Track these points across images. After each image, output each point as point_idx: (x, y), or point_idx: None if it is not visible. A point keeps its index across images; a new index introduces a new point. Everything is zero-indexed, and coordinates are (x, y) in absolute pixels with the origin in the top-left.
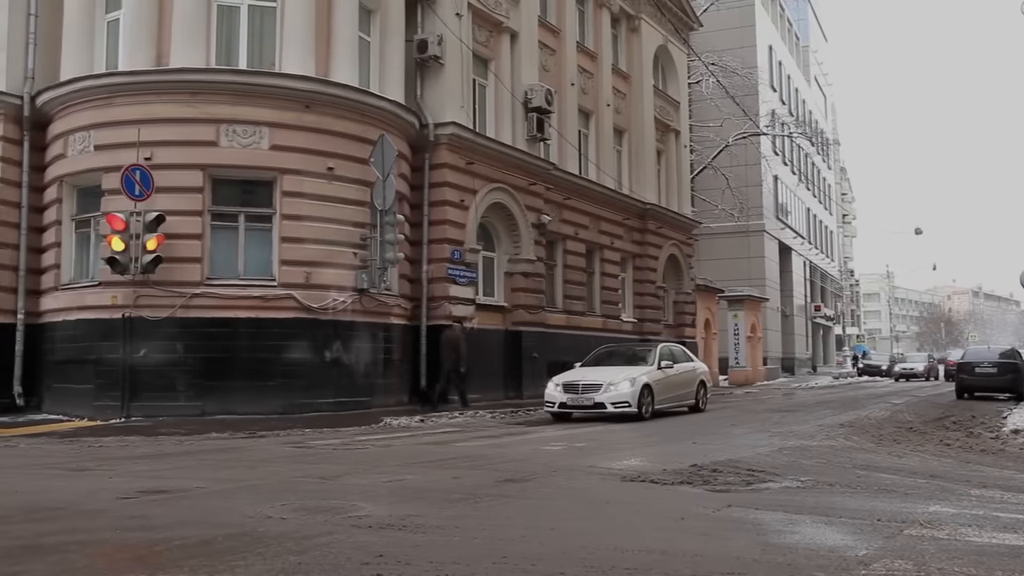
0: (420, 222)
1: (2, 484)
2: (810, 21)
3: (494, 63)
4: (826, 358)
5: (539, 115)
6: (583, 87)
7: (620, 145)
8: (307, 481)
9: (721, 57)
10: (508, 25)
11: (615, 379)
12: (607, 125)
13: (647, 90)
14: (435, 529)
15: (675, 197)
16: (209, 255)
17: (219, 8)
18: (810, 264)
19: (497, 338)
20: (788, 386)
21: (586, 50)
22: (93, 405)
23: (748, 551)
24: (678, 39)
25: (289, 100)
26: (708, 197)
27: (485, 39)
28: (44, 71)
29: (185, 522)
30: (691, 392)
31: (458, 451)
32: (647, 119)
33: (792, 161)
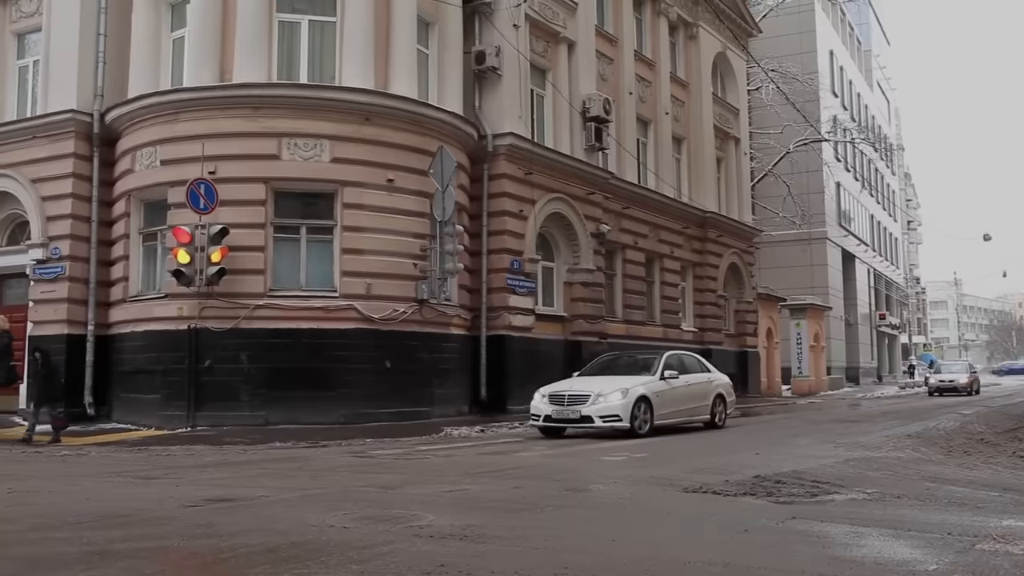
0: (479, 232)
1: (75, 492)
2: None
3: (552, 73)
4: (892, 367)
5: (597, 124)
6: (641, 95)
7: (679, 153)
8: (369, 490)
9: (781, 63)
10: (565, 35)
11: (605, 390)
12: (666, 133)
13: (706, 97)
14: (496, 539)
15: (735, 205)
16: (272, 267)
17: (280, 24)
18: (874, 272)
19: (556, 348)
20: (852, 396)
21: (644, 58)
22: (160, 415)
23: (814, 564)
24: (737, 46)
25: (349, 113)
26: (769, 205)
27: (543, 49)
28: (113, 89)
29: (250, 530)
30: (705, 406)
31: (518, 461)
32: (706, 127)
33: (855, 167)
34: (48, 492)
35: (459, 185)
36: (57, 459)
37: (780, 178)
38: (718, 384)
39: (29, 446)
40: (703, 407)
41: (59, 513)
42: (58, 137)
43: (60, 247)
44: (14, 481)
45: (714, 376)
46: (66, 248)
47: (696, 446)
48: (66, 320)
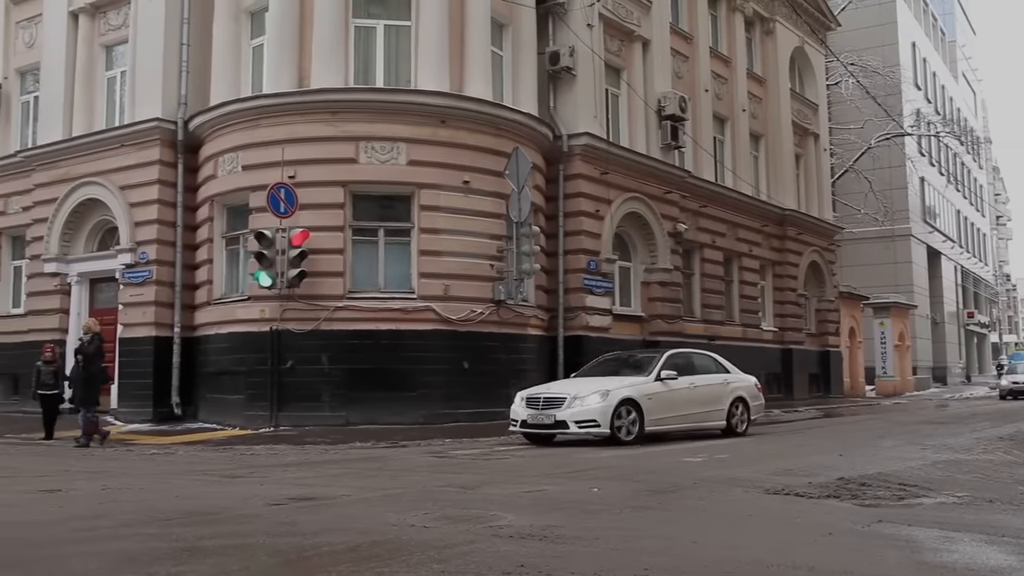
0: (556, 233)
1: (165, 489)
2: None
3: (626, 72)
4: (982, 367)
5: (673, 123)
6: (717, 93)
7: (757, 150)
8: (448, 490)
9: (861, 56)
10: (640, 33)
11: (583, 392)
12: (743, 130)
13: (784, 93)
14: (575, 540)
15: (815, 202)
16: (351, 269)
17: (356, 29)
18: (962, 269)
19: (634, 348)
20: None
21: (720, 55)
22: (244, 415)
23: (902, 569)
24: (815, 40)
25: (425, 116)
26: (850, 201)
27: (617, 48)
28: (196, 97)
29: (332, 529)
30: (719, 411)
31: (596, 462)
32: (784, 123)
33: (940, 162)
34: (139, 489)
35: (535, 186)
36: (147, 457)
37: (861, 174)
38: (737, 386)
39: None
40: (716, 412)
41: (150, 510)
42: (144, 145)
43: (147, 252)
44: (108, 478)
45: (733, 377)
46: (153, 253)
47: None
48: (154, 323)
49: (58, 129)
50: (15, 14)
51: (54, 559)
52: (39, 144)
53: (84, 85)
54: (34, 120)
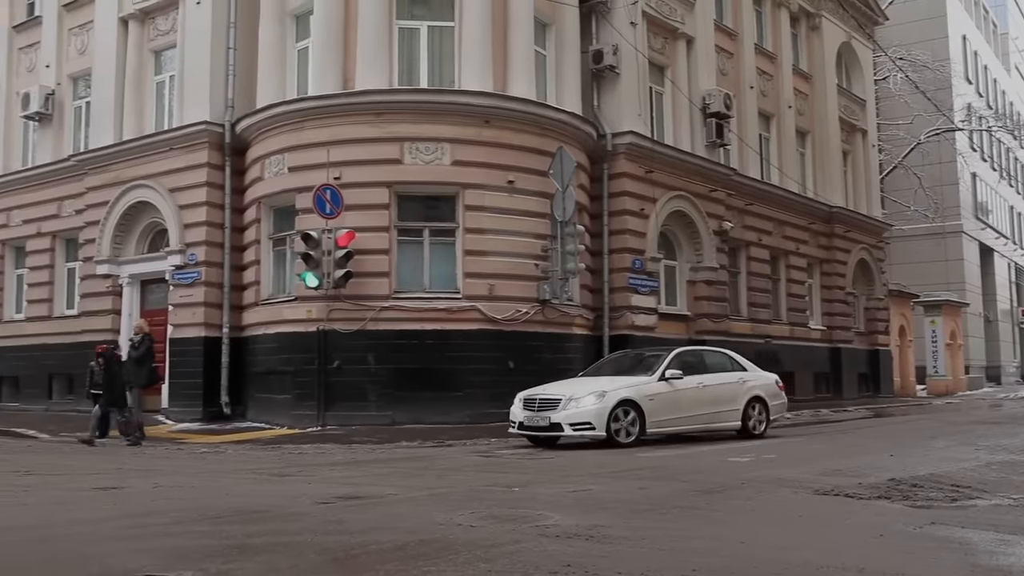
0: (600, 232)
1: (215, 487)
2: (1008, 7)
3: (670, 70)
4: None
5: (718, 120)
6: (762, 89)
7: (803, 147)
8: (494, 490)
9: (910, 51)
10: (684, 31)
11: (578, 393)
12: (789, 127)
13: (830, 89)
14: (622, 539)
15: (863, 199)
16: (396, 269)
17: (400, 31)
18: (1016, 266)
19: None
20: (993, 396)
21: (765, 52)
22: (292, 414)
23: (956, 572)
24: (862, 35)
25: (469, 116)
26: (899, 198)
27: (660, 46)
28: (242, 100)
29: (379, 527)
30: (733, 411)
31: (643, 462)
32: (831, 119)
33: (992, 156)
34: (190, 487)
35: (579, 185)
36: (197, 456)
37: (911, 170)
38: (754, 385)
39: (91, 447)
40: (729, 412)
41: (201, 508)
42: (192, 148)
43: (196, 253)
44: (159, 476)
45: (749, 376)
46: (202, 254)
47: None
48: (203, 323)
49: (109, 133)
50: (67, 21)
51: (107, 555)
52: (91, 148)
53: (134, 90)
54: (86, 125)
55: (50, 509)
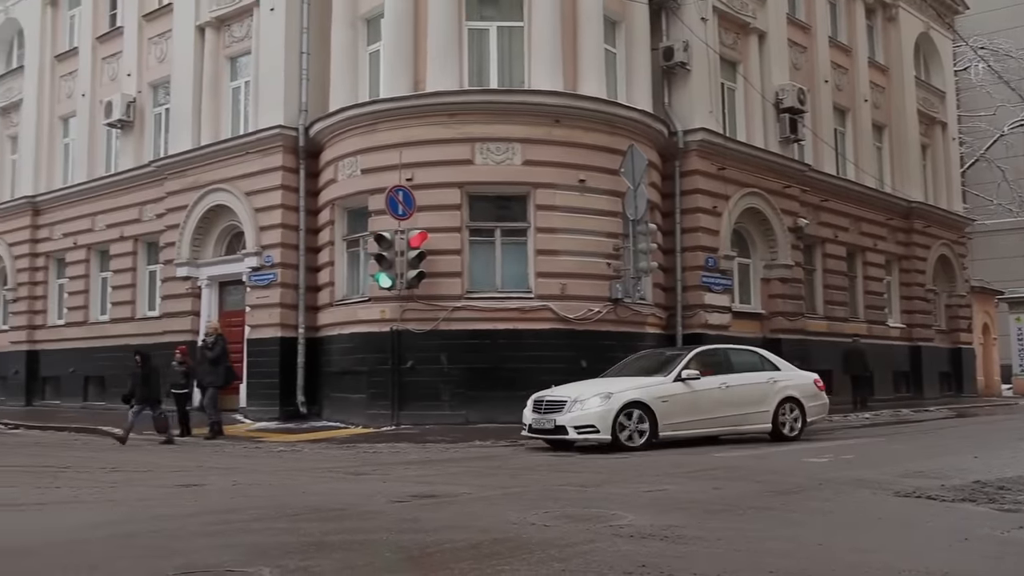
0: (673, 230)
1: (292, 485)
2: None
3: (742, 65)
4: None
5: (791, 115)
6: (837, 83)
7: (880, 141)
8: (567, 489)
9: (992, 40)
10: (755, 26)
11: (584, 394)
12: (865, 121)
13: (908, 82)
14: (697, 540)
15: (943, 193)
16: (468, 269)
17: (470, 32)
18: None
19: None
20: None
21: (839, 44)
22: (366, 413)
23: None
24: (941, 24)
25: (539, 116)
26: (982, 192)
27: (732, 41)
28: (316, 103)
29: (453, 526)
30: (762, 413)
31: (718, 462)
32: (909, 112)
33: None
34: (268, 485)
35: (651, 183)
36: (275, 454)
37: (994, 163)
38: (787, 385)
39: (123, 445)
40: (757, 414)
41: (279, 505)
42: (267, 152)
43: (272, 255)
44: (239, 474)
45: (782, 375)
46: (278, 256)
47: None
48: (279, 324)
49: (187, 139)
50: (147, 31)
51: (191, 551)
52: (170, 154)
53: (211, 96)
54: (165, 131)
55: (136, 505)
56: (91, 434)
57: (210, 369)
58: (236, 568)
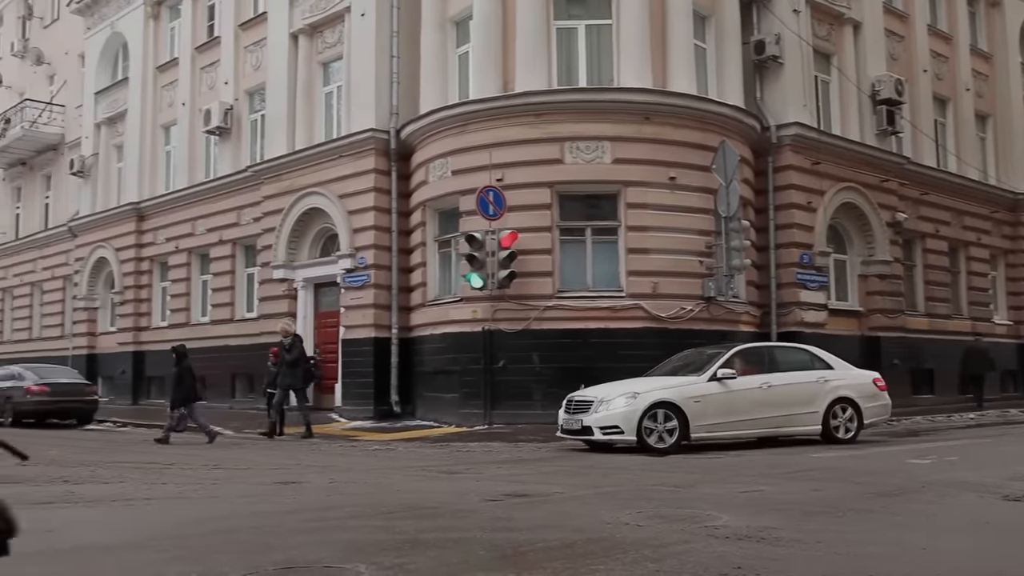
0: (766, 227)
1: (387, 484)
2: None
3: (836, 57)
4: None
5: (889, 107)
6: (937, 73)
7: (983, 131)
8: (661, 489)
9: None
10: (850, 16)
11: (610, 395)
12: (967, 111)
13: (1013, 69)
14: (794, 542)
15: None
16: (559, 269)
17: (558, 31)
18: None
19: (852, 344)
20: None
21: (939, 32)
22: (459, 413)
23: None
24: None
25: (629, 113)
26: None
27: (825, 33)
28: (406, 106)
29: (546, 525)
30: (810, 415)
31: (815, 462)
32: (1015, 100)
33: None
34: (363, 483)
35: (743, 179)
36: (369, 453)
37: None
38: (839, 385)
39: (166, 445)
40: (804, 416)
41: (374, 503)
42: (360, 155)
43: (365, 256)
44: (335, 472)
45: (835, 374)
46: (371, 257)
47: None
48: (373, 324)
49: (282, 144)
50: (243, 39)
51: (290, 547)
52: (266, 159)
53: (304, 101)
54: (261, 136)
55: (237, 501)
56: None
57: (288, 371)
58: (333, 564)
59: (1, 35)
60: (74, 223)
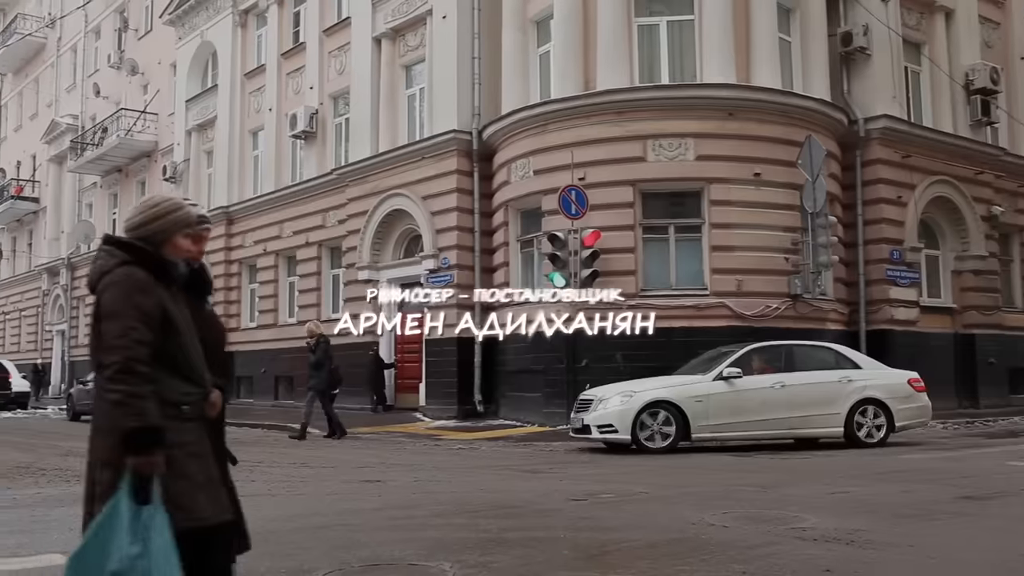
0: (854, 223)
1: (471, 482)
2: None
3: (927, 47)
4: None
5: (983, 97)
6: None
7: None
8: (746, 489)
9: None
10: (941, 3)
11: (608, 394)
12: None
13: None
14: (886, 546)
15: None
16: (642, 267)
17: (639, 28)
18: None
19: (945, 343)
20: None
21: None
22: (542, 412)
23: None
24: None
25: (712, 110)
26: None
27: (915, 22)
28: (488, 107)
29: (631, 525)
30: (830, 416)
31: (906, 464)
32: None
33: None
34: (447, 482)
35: (830, 174)
36: (453, 452)
37: None
38: (865, 385)
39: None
40: (824, 417)
41: (458, 502)
42: (442, 156)
43: (449, 257)
44: (420, 471)
45: (861, 374)
46: (453, 258)
47: None
48: (456, 324)
49: (366, 147)
50: (327, 45)
51: (376, 544)
52: (351, 162)
53: (387, 104)
54: (345, 140)
55: (324, 499)
56: (281, 431)
57: (313, 373)
58: (418, 562)
59: (99, 48)
60: None
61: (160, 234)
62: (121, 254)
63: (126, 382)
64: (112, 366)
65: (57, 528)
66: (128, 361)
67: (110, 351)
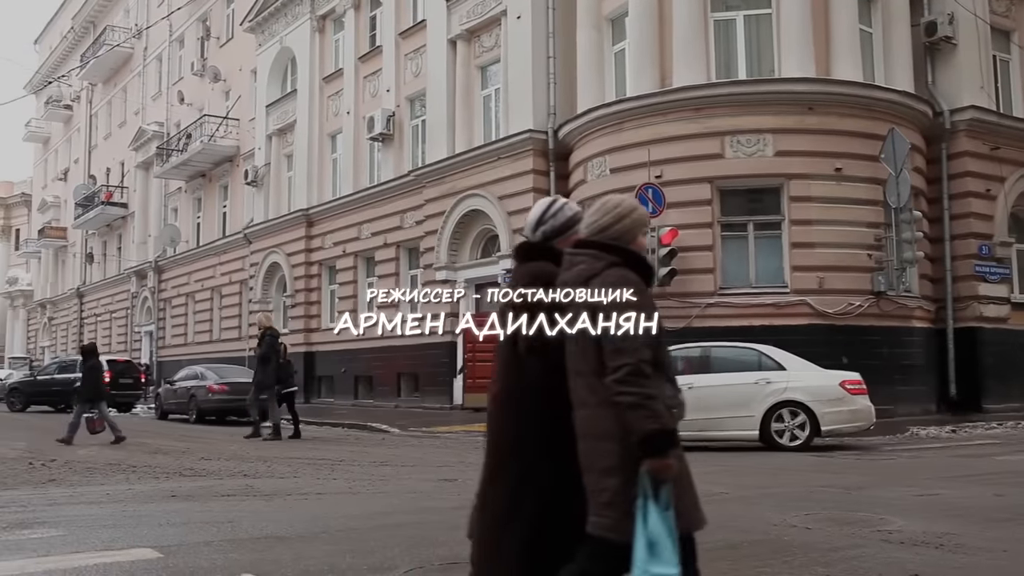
0: (940, 217)
1: None
2: None
3: (1017, 34)
4: None
5: None
6: None
7: None
8: (829, 491)
9: None
10: None
11: None
12: None
13: None
14: (977, 550)
15: None
16: (720, 265)
17: (715, 23)
18: None
19: None
20: None
21: None
22: None
23: None
24: None
25: (790, 104)
26: None
27: (1004, 9)
28: (563, 106)
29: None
30: (743, 419)
31: (999, 465)
32: None
33: None
34: None
35: (914, 168)
36: None
37: None
38: (785, 387)
39: (69, 446)
40: (737, 419)
41: None
42: (518, 156)
43: None
44: None
45: (780, 375)
46: None
47: None
48: None
49: (443, 148)
50: (403, 48)
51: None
52: (427, 163)
53: (463, 105)
54: (422, 141)
55: (404, 497)
56: (361, 430)
57: (259, 368)
58: None
59: (182, 56)
60: (249, 230)
61: (627, 234)
62: (609, 256)
63: (640, 384)
64: (623, 368)
65: (147, 523)
66: (640, 363)
67: (619, 354)
